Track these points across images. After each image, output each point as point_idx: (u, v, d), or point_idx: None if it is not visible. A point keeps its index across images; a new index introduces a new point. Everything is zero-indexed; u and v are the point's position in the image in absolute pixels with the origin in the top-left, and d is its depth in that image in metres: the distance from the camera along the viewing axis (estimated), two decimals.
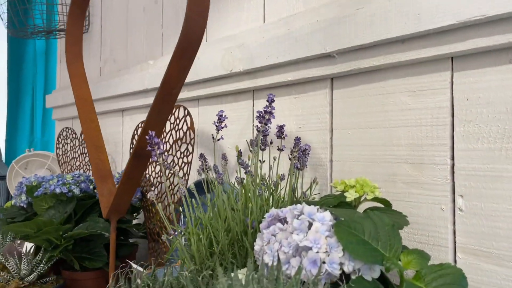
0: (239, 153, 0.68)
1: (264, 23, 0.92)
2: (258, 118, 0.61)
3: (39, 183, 0.94)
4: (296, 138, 0.64)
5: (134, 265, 0.52)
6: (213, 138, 0.64)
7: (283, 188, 0.70)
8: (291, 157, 0.64)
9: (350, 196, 0.53)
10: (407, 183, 0.67)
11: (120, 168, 1.35)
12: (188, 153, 0.84)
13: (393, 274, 0.64)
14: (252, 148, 0.62)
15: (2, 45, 2.61)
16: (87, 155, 1.32)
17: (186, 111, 0.87)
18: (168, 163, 0.59)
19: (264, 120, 0.59)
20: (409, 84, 0.67)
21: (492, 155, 0.58)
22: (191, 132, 0.84)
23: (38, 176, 0.97)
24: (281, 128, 0.71)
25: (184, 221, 0.66)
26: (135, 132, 1.05)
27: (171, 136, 0.90)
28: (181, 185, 0.58)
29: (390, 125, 0.69)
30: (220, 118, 0.63)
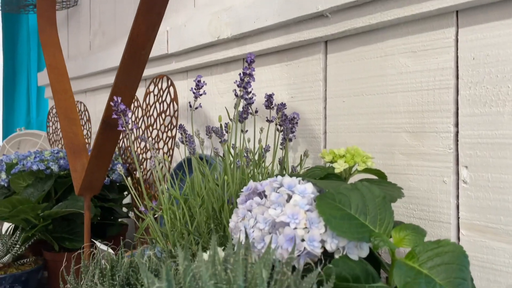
0: (223, 124, 0.62)
1: None
2: (238, 82, 0.54)
3: (19, 161, 0.89)
4: (280, 104, 0.57)
5: (99, 244, 0.47)
6: (190, 107, 0.58)
7: (271, 163, 0.64)
8: (277, 126, 0.57)
9: (339, 166, 0.48)
10: (406, 154, 0.61)
11: None
12: (172, 127, 0.78)
13: (387, 254, 0.58)
14: (232, 118, 0.56)
15: None
16: None
17: (169, 81, 0.81)
18: (145, 136, 0.53)
19: (243, 83, 0.53)
20: (409, 44, 0.60)
21: (501, 120, 0.52)
22: (174, 103, 0.78)
23: (18, 153, 0.92)
24: (269, 98, 0.65)
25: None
26: None
27: (155, 109, 0.85)
28: (153, 158, 0.52)
29: (388, 91, 0.63)
30: (198, 84, 0.57)
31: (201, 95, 0.58)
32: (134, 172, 0.92)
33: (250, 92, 0.59)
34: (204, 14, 0.90)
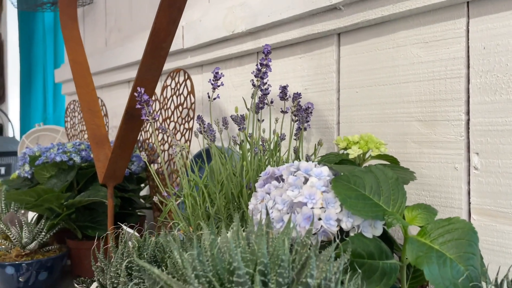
0: (239, 115, 0.65)
1: None
2: (255, 73, 0.57)
3: (42, 153, 0.92)
4: (295, 93, 0.60)
5: (125, 227, 0.49)
6: (209, 98, 0.60)
7: (286, 152, 0.66)
8: (292, 116, 0.60)
9: (353, 152, 0.49)
10: (418, 142, 0.62)
11: None
12: (189, 119, 0.81)
13: (397, 233, 0.60)
14: (249, 107, 0.58)
15: (14, 25, 2.61)
16: None
17: (186, 75, 0.83)
18: (165, 126, 0.56)
19: (260, 74, 0.55)
20: (421, 35, 0.62)
21: (510, 107, 0.53)
22: (191, 96, 0.81)
23: (41, 146, 0.95)
24: (284, 89, 0.67)
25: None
26: None
27: (172, 102, 0.87)
28: (177, 147, 0.55)
29: (400, 81, 0.64)
30: (216, 75, 0.59)
31: (218, 86, 0.60)
32: (152, 163, 0.95)
33: (266, 82, 0.61)
34: (219, 9, 0.92)
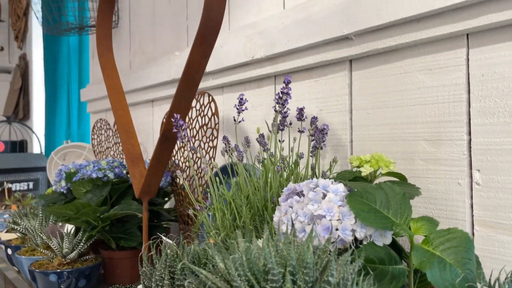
0: (261, 135, 0.71)
1: (284, 9, 0.94)
2: (276, 100, 0.64)
3: (77, 170, 1.00)
4: (313, 117, 0.66)
5: (164, 238, 0.56)
6: (234, 120, 0.67)
7: (303, 169, 0.73)
8: (309, 136, 0.66)
9: (365, 170, 0.56)
10: (425, 160, 0.68)
11: (151, 156, 1.41)
12: (213, 138, 0.88)
13: (406, 243, 0.66)
14: (271, 129, 0.65)
15: (39, 45, 2.74)
16: (120, 144, 1.39)
17: (210, 97, 0.91)
18: (194, 146, 0.63)
19: (281, 101, 0.62)
20: (425, 63, 0.68)
21: (508, 129, 0.59)
22: (215, 117, 0.88)
23: (76, 163, 1.03)
24: (301, 111, 0.74)
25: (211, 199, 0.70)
26: (163, 120, 1.10)
27: (197, 122, 0.95)
28: (204, 164, 0.62)
29: (408, 104, 0.71)
30: (241, 101, 0.67)
31: (243, 110, 0.68)
32: (177, 179, 1.02)
33: (286, 106, 0.68)
34: (239, 37, 1.00)
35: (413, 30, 0.67)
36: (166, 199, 1.16)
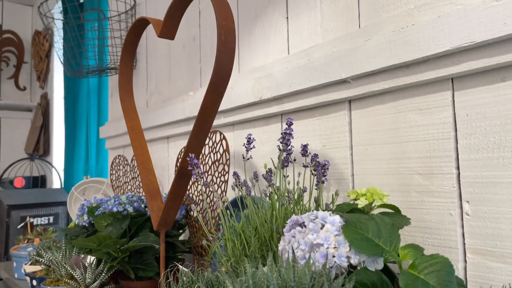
0: (268, 170, 0.78)
1: (288, 54, 1.03)
2: (280, 139, 0.71)
3: (98, 204, 1.08)
4: (314, 155, 0.73)
5: (181, 267, 0.62)
6: (243, 158, 0.74)
7: (308, 202, 0.79)
8: (311, 171, 0.73)
9: (361, 203, 0.62)
10: (419, 192, 0.74)
11: (167, 189, 1.48)
12: (224, 173, 0.95)
13: (397, 268, 0.71)
14: (276, 166, 0.72)
15: (60, 84, 2.89)
16: (138, 179, 1.47)
17: (222, 135, 0.98)
18: (207, 181, 0.70)
19: (285, 141, 0.69)
20: (416, 104, 0.75)
21: (491, 163, 0.65)
22: (226, 154, 0.95)
23: (97, 198, 1.11)
24: (305, 147, 0.81)
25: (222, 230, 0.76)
26: (178, 156, 1.18)
27: (210, 158, 1.02)
28: (216, 199, 0.68)
29: (402, 141, 0.77)
30: (249, 140, 0.74)
31: (251, 148, 0.75)
32: (191, 211, 1.09)
33: (289, 145, 0.75)
34: (248, 79, 1.08)
35: (404, 75, 0.74)
36: (181, 231, 1.22)
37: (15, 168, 2.69)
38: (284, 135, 0.70)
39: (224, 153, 0.97)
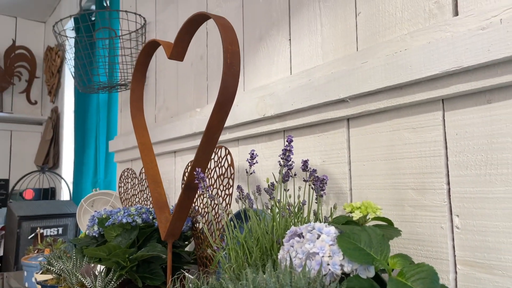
0: (270, 184, 0.83)
1: (290, 74, 1.08)
2: (281, 155, 0.76)
3: (108, 216, 1.13)
4: (313, 170, 0.78)
5: (187, 274, 0.67)
6: (246, 172, 0.79)
7: (307, 215, 0.83)
8: (311, 185, 0.77)
9: (356, 215, 0.66)
10: (413, 206, 0.78)
11: (173, 202, 1.53)
12: (229, 186, 1.00)
13: (387, 276, 0.74)
14: (277, 180, 0.76)
15: (70, 99, 2.96)
16: (145, 192, 1.52)
17: (227, 151, 1.03)
18: (212, 194, 0.75)
19: (285, 157, 0.74)
20: (410, 122, 0.80)
21: (479, 179, 0.69)
22: (231, 168, 1.00)
23: (107, 210, 1.16)
24: (305, 163, 0.85)
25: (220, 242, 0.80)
26: (185, 170, 1.23)
27: (215, 172, 1.07)
28: (221, 211, 0.73)
29: (397, 157, 0.82)
30: (252, 155, 0.79)
31: (254, 163, 0.80)
32: (197, 223, 1.13)
33: (290, 160, 0.80)
34: (252, 98, 1.14)
35: (398, 95, 0.79)
36: (186, 242, 1.26)
37: (25, 180, 2.75)
38: (284, 151, 0.75)
39: (229, 168, 1.02)
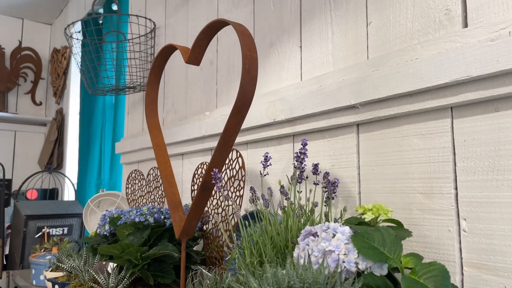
0: (282, 186, 0.86)
1: (301, 80, 1.11)
2: (295, 158, 0.78)
3: (119, 215, 1.15)
4: (326, 173, 0.80)
5: (204, 271, 0.69)
6: (260, 174, 0.82)
7: (318, 216, 0.86)
8: (322, 188, 0.80)
9: (368, 217, 0.69)
10: (421, 210, 0.81)
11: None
12: (240, 188, 1.02)
13: (399, 276, 0.77)
14: (291, 182, 0.79)
15: (76, 100, 2.99)
16: (153, 193, 1.54)
17: (238, 153, 1.06)
18: (227, 195, 0.77)
19: (300, 159, 0.76)
20: (419, 129, 0.83)
21: (486, 185, 0.72)
22: (242, 170, 1.03)
23: (118, 210, 1.18)
24: (316, 166, 0.88)
25: (238, 239, 0.83)
26: (195, 172, 1.26)
27: (226, 174, 1.10)
28: (236, 210, 0.76)
29: (406, 162, 0.85)
30: (266, 158, 0.82)
31: (268, 166, 0.82)
32: (206, 224, 1.16)
33: (303, 163, 0.82)
34: (262, 102, 1.16)
35: (407, 103, 0.82)
36: (194, 244, 1.29)
37: (28, 180, 2.77)
38: (299, 154, 0.77)
39: (239, 170, 1.05)
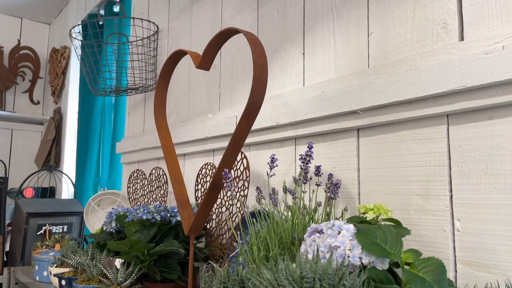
0: (285, 187, 0.90)
1: (303, 86, 1.16)
2: (301, 160, 0.83)
3: (125, 213, 1.19)
4: (330, 174, 0.85)
5: (215, 265, 0.74)
6: (267, 174, 0.86)
7: (320, 215, 0.91)
8: (325, 189, 0.85)
9: (370, 216, 0.74)
10: (417, 210, 0.86)
11: None
12: (244, 188, 1.07)
13: (399, 271, 0.82)
14: (296, 182, 0.84)
15: (74, 100, 3.01)
16: (154, 192, 1.58)
17: (243, 155, 1.11)
18: (234, 194, 0.82)
19: (305, 161, 0.81)
20: (416, 134, 0.88)
21: (479, 187, 0.77)
22: (247, 171, 1.07)
23: (124, 207, 1.22)
24: (318, 168, 0.93)
25: (244, 236, 0.87)
26: (199, 172, 1.30)
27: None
28: (244, 209, 0.80)
29: (403, 166, 0.90)
30: (273, 159, 0.86)
31: (274, 167, 0.87)
32: (209, 222, 1.20)
33: (308, 165, 0.87)
34: (266, 106, 1.21)
35: (406, 109, 0.87)
36: (196, 242, 1.33)
37: (23, 178, 2.78)
38: (305, 156, 0.82)
39: (244, 171, 1.09)
